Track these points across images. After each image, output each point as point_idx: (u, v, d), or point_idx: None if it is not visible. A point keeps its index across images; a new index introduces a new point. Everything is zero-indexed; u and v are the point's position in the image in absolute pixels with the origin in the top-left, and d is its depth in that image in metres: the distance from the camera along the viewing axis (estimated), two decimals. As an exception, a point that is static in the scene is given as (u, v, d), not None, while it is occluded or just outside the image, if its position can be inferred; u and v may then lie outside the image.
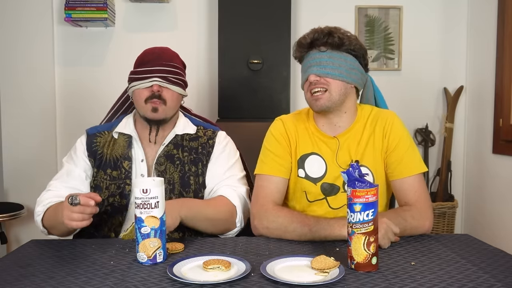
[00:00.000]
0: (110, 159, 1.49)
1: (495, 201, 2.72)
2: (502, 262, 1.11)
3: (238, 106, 2.76)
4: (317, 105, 1.41)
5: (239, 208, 1.44)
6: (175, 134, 1.52)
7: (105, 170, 1.48)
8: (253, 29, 2.73)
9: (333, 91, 1.39)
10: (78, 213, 1.17)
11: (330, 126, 1.48)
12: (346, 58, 1.41)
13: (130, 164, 1.48)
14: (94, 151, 1.50)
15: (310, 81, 1.40)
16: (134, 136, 1.51)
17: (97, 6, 2.77)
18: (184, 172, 1.48)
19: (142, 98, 1.45)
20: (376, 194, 1.05)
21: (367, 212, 1.04)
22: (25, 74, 2.93)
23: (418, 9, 3.07)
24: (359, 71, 1.45)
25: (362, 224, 1.03)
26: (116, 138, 1.52)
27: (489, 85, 2.78)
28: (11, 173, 2.96)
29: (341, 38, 1.40)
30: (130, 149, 1.50)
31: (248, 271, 1.01)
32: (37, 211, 1.40)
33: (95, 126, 1.59)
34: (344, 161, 1.44)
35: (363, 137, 1.46)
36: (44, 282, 1.00)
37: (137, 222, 1.11)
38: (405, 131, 1.47)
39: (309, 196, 1.47)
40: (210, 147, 1.53)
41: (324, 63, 1.39)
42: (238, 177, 1.53)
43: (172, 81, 1.46)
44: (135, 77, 1.47)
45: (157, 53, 1.48)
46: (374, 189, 1.05)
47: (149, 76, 1.44)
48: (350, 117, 1.48)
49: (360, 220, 1.04)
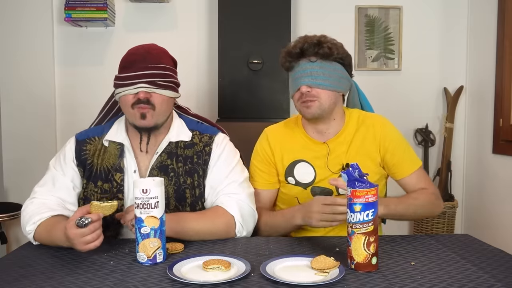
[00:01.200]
0: (101, 170, 1.38)
1: (495, 201, 2.72)
2: (502, 262, 1.11)
3: (238, 106, 2.76)
4: (308, 113, 1.44)
5: (238, 217, 1.35)
6: (168, 141, 1.41)
7: (96, 182, 1.38)
8: (253, 29, 2.73)
9: (324, 100, 1.43)
10: (91, 233, 1.11)
11: (319, 133, 1.52)
12: (335, 67, 1.44)
13: (122, 177, 1.38)
14: (83, 159, 1.40)
15: (302, 91, 1.42)
16: (126, 144, 1.40)
17: (97, 6, 2.77)
18: (179, 184, 1.39)
19: (128, 104, 1.33)
20: (376, 194, 1.05)
21: (367, 212, 1.04)
22: (25, 74, 2.93)
23: (418, 9, 3.07)
24: (347, 78, 1.50)
25: (362, 224, 1.03)
26: (107, 146, 1.41)
27: (489, 85, 2.78)
28: (11, 173, 2.96)
29: (330, 48, 1.41)
30: (121, 159, 1.39)
31: (248, 271, 1.01)
32: (28, 230, 1.29)
33: (85, 131, 1.48)
34: (335, 165, 1.48)
35: (354, 141, 1.49)
36: (44, 282, 1.00)
37: (137, 222, 1.11)
38: (397, 132, 1.53)
39: (301, 201, 1.51)
40: (207, 155, 1.42)
41: (315, 74, 1.41)
42: (238, 182, 1.41)
43: (161, 85, 1.33)
44: (120, 83, 1.34)
45: (142, 54, 1.35)
46: (374, 189, 1.05)
47: (134, 82, 1.31)
48: (339, 123, 1.51)
49: (360, 220, 1.04)
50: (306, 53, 1.42)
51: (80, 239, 1.11)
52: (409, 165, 1.49)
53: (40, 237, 1.28)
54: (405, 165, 1.48)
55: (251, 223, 1.40)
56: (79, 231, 1.11)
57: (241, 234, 1.37)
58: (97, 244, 1.13)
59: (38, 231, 1.27)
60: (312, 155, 1.50)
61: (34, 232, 1.28)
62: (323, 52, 1.41)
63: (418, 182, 1.48)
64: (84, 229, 1.10)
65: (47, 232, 1.25)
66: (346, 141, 1.49)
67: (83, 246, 1.12)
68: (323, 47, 1.40)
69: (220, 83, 2.76)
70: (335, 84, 1.43)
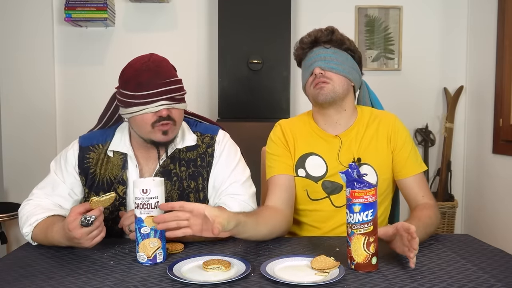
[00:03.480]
0: (103, 180, 1.37)
1: (495, 201, 2.72)
2: (502, 262, 1.11)
3: (238, 106, 2.76)
4: (321, 94, 1.43)
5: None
6: (175, 148, 1.39)
7: (98, 192, 1.36)
8: (253, 29, 2.73)
9: (337, 84, 1.43)
10: (96, 228, 1.12)
11: (331, 125, 1.50)
12: (347, 57, 1.47)
13: (124, 189, 1.36)
14: (86, 168, 1.38)
15: (315, 73, 1.43)
16: (130, 155, 1.38)
17: (97, 6, 2.78)
18: (182, 189, 1.37)
19: (148, 123, 1.30)
20: (375, 194, 1.05)
21: (366, 213, 1.04)
22: (25, 74, 2.93)
23: (418, 9, 3.07)
24: (357, 72, 1.51)
25: (362, 224, 1.03)
26: (110, 156, 1.39)
27: (489, 85, 2.78)
28: (11, 173, 2.96)
29: (343, 37, 1.48)
30: (124, 170, 1.37)
31: (248, 271, 1.01)
32: (25, 232, 1.29)
33: (88, 135, 1.45)
34: (347, 159, 1.46)
35: (366, 136, 1.48)
36: (44, 282, 1.00)
37: (137, 222, 1.11)
38: (407, 130, 1.53)
39: (311, 195, 1.48)
40: (210, 156, 1.41)
41: (329, 58, 1.44)
42: (241, 182, 1.41)
43: (178, 99, 1.32)
44: (135, 102, 1.29)
45: (154, 70, 1.30)
46: (373, 189, 1.05)
47: (155, 100, 1.28)
48: (350, 116, 1.50)
49: (360, 220, 1.03)
50: (320, 40, 1.47)
51: (87, 237, 1.12)
52: (414, 165, 1.47)
53: (37, 238, 1.28)
54: (410, 164, 1.46)
55: None
56: (85, 230, 1.11)
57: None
58: (103, 235, 1.15)
59: (35, 232, 1.27)
60: (324, 148, 1.49)
61: (31, 233, 1.28)
62: (336, 39, 1.45)
63: (419, 187, 1.44)
64: (91, 227, 1.11)
65: (43, 233, 1.25)
66: (358, 135, 1.48)
67: (90, 242, 1.13)
68: (336, 35, 1.46)
69: (220, 83, 2.76)
70: (347, 70, 1.45)
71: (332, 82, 1.43)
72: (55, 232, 1.20)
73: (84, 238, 1.12)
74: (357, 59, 1.51)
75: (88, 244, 1.13)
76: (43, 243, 1.27)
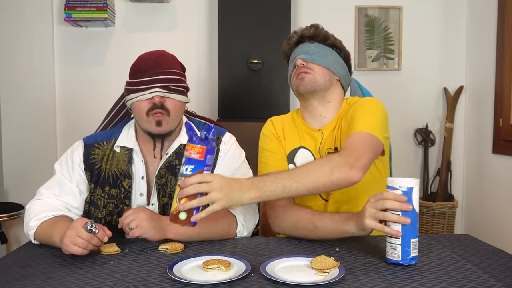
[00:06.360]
0: (109, 175, 1.39)
1: (495, 201, 2.72)
2: (502, 262, 1.11)
3: (238, 106, 2.76)
4: (302, 85, 1.45)
5: (240, 218, 1.37)
6: (180, 143, 1.42)
7: (103, 187, 1.38)
8: (253, 29, 2.73)
9: (317, 74, 1.45)
10: (85, 240, 1.12)
11: (316, 118, 1.51)
12: (331, 52, 1.50)
13: (130, 183, 1.38)
14: (91, 164, 1.40)
15: (297, 64, 1.47)
16: (136, 149, 1.41)
17: (97, 6, 2.78)
18: None
19: (143, 110, 1.34)
20: (200, 153, 1.09)
21: (187, 166, 1.09)
22: (25, 74, 2.93)
23: (418, 9, 3.07)
24: (343, 68, 1.53)
25: (182, 176, 1.09)
26: (115, 151, 1.41)
27: (489, 85, 2.78)
28: (11, 173, 2.96)
29: (327, 33, 1.52)
30: (130, 165, 1.40)
31: (248, 271, 1.01)
32: (30, 225, 1.29)
33: (93, 135, 1.48)
34: (326, 150, 1.47)
35: (343, 125, 1.46)
36: (44, 282, 1.00)
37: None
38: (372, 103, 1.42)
39: None
40: (215, 155, 1.41)
41: (311, 51, 1.48)
42: None
43: (174, 89, 1.35)
44: (133, 89, 1.35)
45: (155, 59, 1.36)
46: (199, 147, 1.09)
47: (149, 87, 1.32)
48: (335, 109, 1.50)
49: (182, 172, 1.10)
50: (305, 36, 1.51)
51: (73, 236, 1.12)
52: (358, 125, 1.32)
53: (40, 233, 1.28)
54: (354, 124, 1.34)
55: (252, 224, 1.42)
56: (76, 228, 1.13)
57: (241, 234, 1.38)
58: (79, 252, 1.12)
59: (41, 227, 1.28)
60: (310, 143, 1.50)
61: (37, 228, 1.29)
62: (320, 34, 1.49)
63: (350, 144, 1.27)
64: (83, 232, 1.12)
65: (49, 227, 1.26)
66: (337, 126, 1.48)
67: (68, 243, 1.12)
68: (320, 31, 1.50)
69: (220, 83, 2.76)
70: (330, 63, 1.47)
71: (313, 72, 1.45)
72: (57, 229, 1.21)
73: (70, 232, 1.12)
74: (344, 57, 1.53)
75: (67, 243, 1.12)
76: (43, 239, 1.28)
